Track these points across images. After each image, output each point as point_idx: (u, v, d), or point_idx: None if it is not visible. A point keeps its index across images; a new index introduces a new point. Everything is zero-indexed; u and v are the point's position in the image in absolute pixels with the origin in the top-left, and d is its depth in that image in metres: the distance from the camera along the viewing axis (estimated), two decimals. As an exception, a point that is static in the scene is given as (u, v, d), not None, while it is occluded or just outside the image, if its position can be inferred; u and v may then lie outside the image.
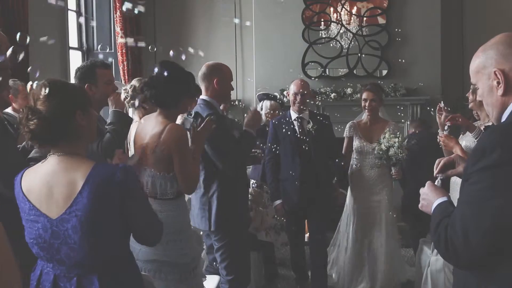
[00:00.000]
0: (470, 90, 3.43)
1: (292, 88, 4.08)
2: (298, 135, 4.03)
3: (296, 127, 4.05)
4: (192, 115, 2.99)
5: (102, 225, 1.70)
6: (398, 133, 4.09)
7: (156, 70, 2.67)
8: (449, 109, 3.33)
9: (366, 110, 4.21)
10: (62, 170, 1.72)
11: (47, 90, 1.69)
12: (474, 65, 1.57)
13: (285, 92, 6.51)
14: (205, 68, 3.28)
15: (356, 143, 4.26)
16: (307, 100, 4.13)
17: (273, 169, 4.11)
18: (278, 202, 4.11)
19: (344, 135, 4.40)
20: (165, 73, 2.60)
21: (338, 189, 4.26)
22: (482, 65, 1.53)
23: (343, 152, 4.35)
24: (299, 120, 4.06)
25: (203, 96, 3.26)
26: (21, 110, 1.72)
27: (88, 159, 1.77)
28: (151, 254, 2.54)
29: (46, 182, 1.72)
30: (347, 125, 4.39)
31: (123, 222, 1.76)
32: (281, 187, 4.10)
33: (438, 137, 3.25)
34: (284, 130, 4.04)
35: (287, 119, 4.09)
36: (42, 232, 1.71)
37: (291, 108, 4.12)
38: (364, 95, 4.20)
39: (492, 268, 1.41)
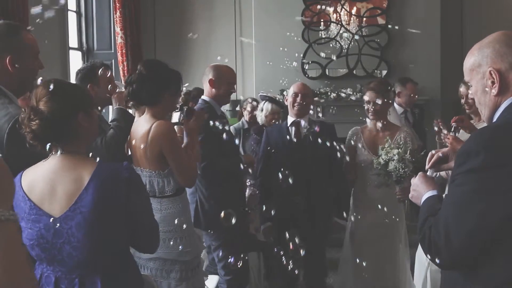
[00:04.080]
0: (462, 96, 3.44)
1: (292, 89, 3.56)
2: (294, 141, 3.45)
3: (292, 132, 3.49)
4: (178, 108, 2.98)
5: (106, 222, 1.70)
6: (401, 143, 3.25)
7: (138, 68, 2.69)
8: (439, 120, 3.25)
9: (370, 115, 3.43)
10: (66, 168, 1.71)
11: (49, 90, 1.69)
12: (469, 63, 1.54)
13: (284, 93, 6.54)
14: (206, 69, 3.31)
15: (359, 154, 3.47)
16: (308, 105, 3.53)
17: (263, 187, 3.54)
18: (268, 224, 3.55)
19: (346, 145, 3.57)
20: (143, 71, 2.61)
21: (333, 218, 3.53)
22: (478, 63, 1.50)
23: (343, 166, 3.51)
24: (296, 125, 3.50)
25: (203, 96, 3.29)
26: (23, 110, 1.72)
27: (91, 158, 1.77)
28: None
29: (49, 180, 1.71)
30: (349, 132, 3.59)
31: (127, 221, 1.75)
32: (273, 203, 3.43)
33: (443, 136, 3.17)
34: (277, 136, 3.53)
35: (283, 125, 3.60)
36: (44, 232, 1.69)
37: (289, 113, 3.58)
38: (367, 96, 3.41)
39: (477, 268, 1.42)
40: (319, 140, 3.24)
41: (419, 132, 4.88)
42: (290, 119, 3.55)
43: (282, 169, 3.20)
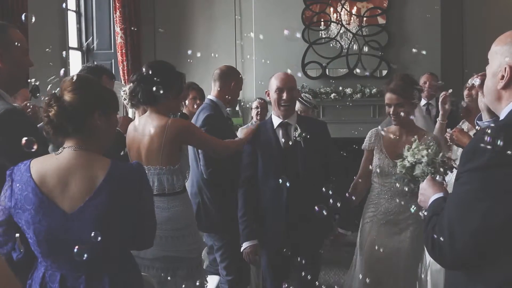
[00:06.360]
0: (467, 86, 3.44)
1: (274, 83, 2.97)
2: (282, 147, 2.95)
3: (280, 136, 2.97)
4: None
5: (118, 221, 1.72)
6: (431, 144, 2.67)
7: (144, 67, 2.71)
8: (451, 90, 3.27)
9: (392, 118, 3.01)
10: (81, 165, 1.72)
11: (73, 82, 1.74)
12: (495, 47, 1.54)
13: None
14: (225, 68, 3.31)
15: (376, 159, 3.03)
16: (295, 101, 3.11)
17: (247, 197, 2.99)
18: (248, 244, 2.95)
19: (363, 147, 3.14)
20: (148, 70, 2.62)
21: (337, 228, 3.04)
22: (500, 52, 1.51)
23: (359, 171, 3.14)
24: (284, 126, 2.99)
25: (210, 96, 3.27)
26: (47, 96, 1.76)
27: (104, 157, 1.79)
28: (160, 251, 2.54)
29: (62, 176, 1.71)
30: (368, 133, 3.13)
31: (135, 219, 1.78)
32: (259, 220, 3.00)
33: (448, 131, 3.17)
34: (263, 141, 2.99)
35: (268, 126, 3.04)
36: (54, 227, 1.68)
37: (272, 111, 3.06)
38: (387, 98, 2.97)
39: (480, 268, 1.42)
40: (312, 145, 2.88)
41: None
42: (276, 120, 3.02)
43: (271, 177, 2.86)
